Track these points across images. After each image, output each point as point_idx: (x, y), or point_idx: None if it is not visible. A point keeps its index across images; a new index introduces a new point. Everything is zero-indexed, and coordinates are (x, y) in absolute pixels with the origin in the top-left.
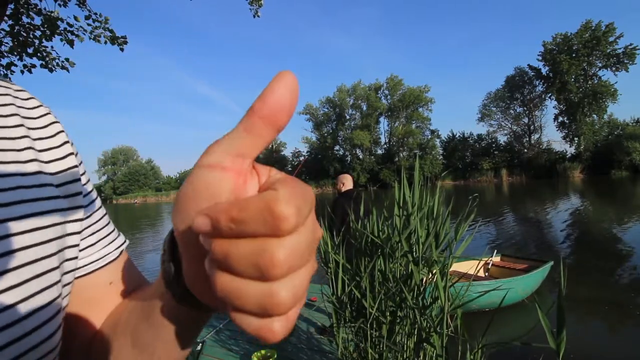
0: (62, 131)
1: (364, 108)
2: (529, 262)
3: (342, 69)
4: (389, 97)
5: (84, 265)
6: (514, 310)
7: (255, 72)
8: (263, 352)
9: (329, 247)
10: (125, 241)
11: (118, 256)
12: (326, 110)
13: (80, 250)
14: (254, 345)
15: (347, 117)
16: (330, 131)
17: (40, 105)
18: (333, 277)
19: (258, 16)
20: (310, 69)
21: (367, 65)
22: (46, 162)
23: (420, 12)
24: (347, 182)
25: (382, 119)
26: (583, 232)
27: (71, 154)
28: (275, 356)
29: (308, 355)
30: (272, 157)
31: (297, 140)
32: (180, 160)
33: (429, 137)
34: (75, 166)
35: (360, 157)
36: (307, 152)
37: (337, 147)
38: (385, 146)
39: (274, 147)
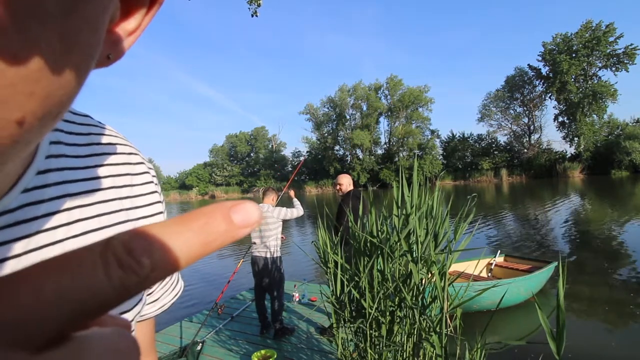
0: (156, 192)
1: (364, 108)
2: (533, 262)
3: (342, 69)
4: (389, 97)
5: (143, 314)
6: (518, 311)
7: (256, 71)
8: (263, 352)
9: (328, 247)
10: (181, 287)
11: (171, 305)
12: (326, 110)
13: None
14: (254, 345)
15: (347, 117)
16: (331, 131)
17: (146, 172)
18: (332, 277)
19: (256, 15)
20: (310, 69)
21: (367, 65)
22: (136, 219)
23: (421, 12)
24: (347, 182)
25: (382, 119)
26: (583, 232)
27: (160, 212)
28: (275, 356)
29: (308, 356)
30: (272, 157)
31: (297, 140)
32: (180, 160)
33: (429, 137)
34: None
35: (360, 157)
36: (307, 152)
37: (337, 147)
38: (385, 146)
39: (274, 147)
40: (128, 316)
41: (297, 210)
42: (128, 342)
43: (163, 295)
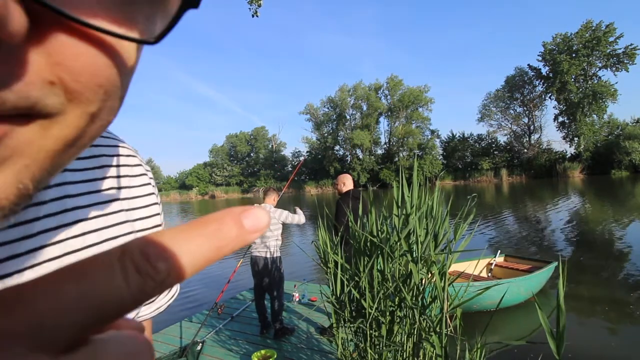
0: (153, 193)
1: (364, 108)
2: (533, 262)
3: (342, 69)
4: (389, 97)
5: (140, 315)
6: (518, 311)
7: (256, 71)
8: (263, 352)
9: (328, 247)
10: (177, 290)
11: (167, 307)
12: (326, 110)
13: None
14: (254, 345)
15: (348, 117)
16: (331, 131)
17: (144, 174)
18: (332, 277)
19: (257, 16)
20: (310, 69)
21: (367, 65)
22: (134, 221)
23: (421, 12)
24: (347, 182)
25: (382, 119)
26: (583, 232)
27: (158, 214)
28: (275, 356)
29: (308, 355)
30: (272, 157)
31: (297, 140)
32: (180, 160)
33: (429, 137)
34: (159, 225)
35: (360, 157)
36: (307, 152)
37: (337, 147)
38: (385, 146)
39: (274, 147)
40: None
41: (299, 217)
42: (143, 345)
43: (159, 297)
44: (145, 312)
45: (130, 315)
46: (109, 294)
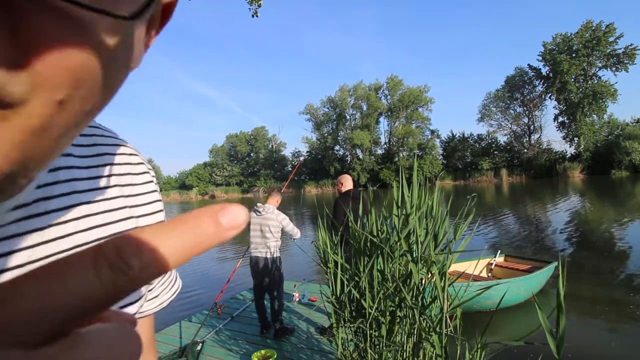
0: (155, 191)
1: (364, 108)
2: (533, 262)
3: (342, 69)
4: (389, 97)
5: (142, 311)
6: (518, 311)
7: (256, 71)
8: (263, 352)
9: (328, 247)
10: (179, 286)
11: (169, 303)
12: (326, 110)
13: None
14: (254, 345)
15: (348, 117)
16: (331, 131)
17: (147, 172)
18: (332, 277)
19: (257, 16)
20: (310, 69)
21: (367, 65)
22: (137, 217)
23: (421, 12)
24: (346, 182)
25: (382, 119)
26: (583, 232)
27: (160, 210)
28: (275, 356)
29: (308, 355)
30: (272, 157)
31: (297, 140)
32: (180, 160)
33: (429, 137)
34: (162, 222)
35: (360, 157)
36: (307, 152)
37: (337, 147)
38: (385, 146)
39: (274, 147)
40: (129, 310)
41: (297, 231)
42: (126, 336)
43: (162, 292)
44: (148, 308)
45: (131, 310)
46: (81, 290)
